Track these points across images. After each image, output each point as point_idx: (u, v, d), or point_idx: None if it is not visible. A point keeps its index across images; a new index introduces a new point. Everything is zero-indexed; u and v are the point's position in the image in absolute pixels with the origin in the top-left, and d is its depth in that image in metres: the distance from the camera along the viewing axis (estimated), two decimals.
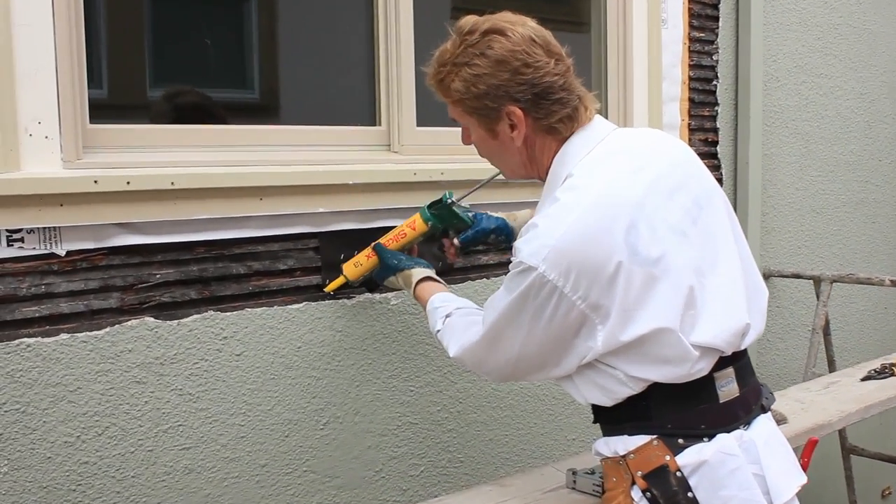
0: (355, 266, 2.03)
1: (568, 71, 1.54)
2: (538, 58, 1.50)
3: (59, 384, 1.76)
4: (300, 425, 2.08)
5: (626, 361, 1.47)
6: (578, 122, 1.56)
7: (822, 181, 3.53)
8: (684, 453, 1.49)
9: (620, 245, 1.42)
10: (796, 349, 3.48)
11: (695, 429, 1.50)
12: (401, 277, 1.93)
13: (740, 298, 1.55)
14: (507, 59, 1.49)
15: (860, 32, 3.64)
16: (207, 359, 1.94)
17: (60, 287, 1.76)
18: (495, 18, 1.53)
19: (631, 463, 1.52)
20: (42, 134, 1.72)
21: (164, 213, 1.84)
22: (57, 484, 1.77)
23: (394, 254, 1.95)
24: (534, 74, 1.49)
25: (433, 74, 1.59)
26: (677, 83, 2.91)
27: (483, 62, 1.50)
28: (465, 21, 1.54)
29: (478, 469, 2.42)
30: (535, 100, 1.51)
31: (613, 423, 1.57)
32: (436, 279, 1.89)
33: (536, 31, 1.53)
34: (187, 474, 1.93)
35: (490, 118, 1.55)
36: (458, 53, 1.53)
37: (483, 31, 1.51)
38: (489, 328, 1.55)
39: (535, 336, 1.49)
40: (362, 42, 2.33)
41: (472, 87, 1.52)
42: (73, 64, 1.76)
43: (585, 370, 1.52)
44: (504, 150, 1.60)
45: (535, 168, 1.61)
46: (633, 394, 1.50)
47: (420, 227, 1.95)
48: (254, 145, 2.07)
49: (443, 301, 1.78)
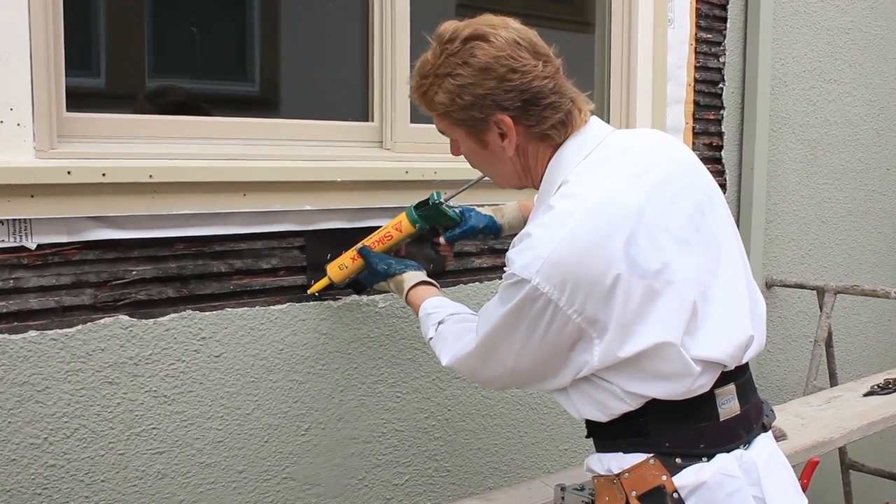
0: (340, 268, 1.95)
1: (557, 72, 1.46)
2: (525, 62, 1.41)
3: (27, 383, 1.69)
4: (280, 430, 2.01)
5: (623, 377, 1.41)
6: (572, 126, 1.48)
7: (829, 189, 3.45)
8: (682, 474, 1.42)
9: (619, 256, 1.34)
10: (797, 361, 3.41)
11: (693, 448, 1.43)
12: (392, 283, 1.86)
13: (744, 309, 1.48)
14: (491, 66, 1.40)
15: (871, 38, 3.56)
16: (184, 360, 1.86)
17: (30, 282, 1.69)
18: (476, 23, 1.44)
19: (625, 482, 1.44)
20: (14, 121, 1.65)
21: (142, 206, 1.76)
22: (21, 487, 1.70)
23: (381, 257, 1.88)
24: (521, 80, 1.41)
25: (415, 87, 1.51)
26: (682, 85, 2.84)
27: (467, 71, 1.41)
28: (445, 28, 1.45)
29: (465, 479, 2.35)
30: (525, 106, 1.43)
31: (608, 440, 1.50)
32: (428, 281, 1.82)
33: (520, 32, 1.44)
34: (160, 479, 1.86)
35: (478, 129, 1.47)
36: (440, 64, 1.44)
37: (464, 37, 1.42)
38: (482, 339, 1.48)
39: (529, 349, 1.42)
40: (356, 34, 2.26)
41: (457, 99, 1.44)
42: (49, 48, 1.68)
43: (581, 384, 1.46)
44: (496, 160, 1.52)
45: (530, 177, 1.54)
46: (630, 410, 1.43)
47: (406, 229, 1.87)
48: (238, 138, 1.99)
49: (435, 307, 1.71)
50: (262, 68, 2.30)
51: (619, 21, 2.70)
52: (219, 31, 2.22)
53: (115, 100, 2.01)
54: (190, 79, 2.15)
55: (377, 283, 1.90)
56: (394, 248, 1.91)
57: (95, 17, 1.98)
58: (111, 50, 2.01)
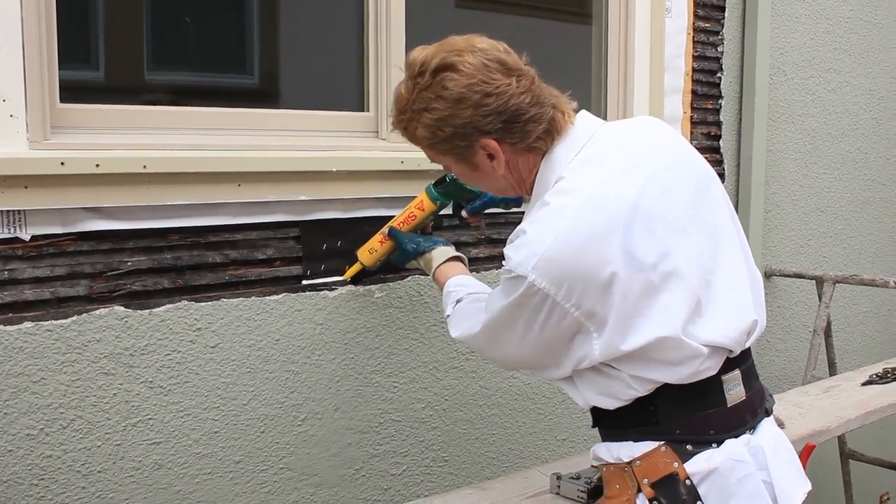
0: (370, 252, 1.99)
1: (533, 83, 1.45)
2: (497, 83, 1.40)
3: (22, 374, 1.69)
4: (277, 421, 2.01)
5: (629, 365, 1.42)
6: (557, 131, 1.47)
7: (828, 179, 3.44)
8: (693, 460, 1.43)
9: (615, 252, 1.35)
10: (796, 351, 3.40)
11: (703, 434, 1.45)
12: (421, 260, 1.90)
13: (746, 294, 1.49)
14: (465, 95, 1.40)
15: (871, 27, 3.54)
16: (180, 350, 1.86)
17: (25, 273, 1.69)
18: (443, 51, 1.42)
19: (637, 470, 1.45)
20: (7, 112, 1.64)
21: (136, 197, 1.76)
22: (18, 478, 1.70)
23: (410, 237, 1.92)
24: (497, 101, 1.40)
25: (395, 122, 1.52)
26: (680, 74, 2.82)
27: (441, 104, 1.41)
28: (413, 59, 1.45)
29: (462, 469, 2.35)
30: (507, 126, 1.42)
31: (617, 428, 1.51)
32: (457, 256, 1.86)
33: (487, 53, 1.42)
34: (157, 470, 1.86)
35: (465, 155, 1.48)
36: (414, 99, 1.44)
37: (433, 70, 1.41)
38: (485, 326, 1.51)
39: (529, 341, 1.44)
40: (352, 24, 2.25)
41: (437, 132, 1.44)
42: (42, 38, 1.68)
43: (587, 372, 1.47)
44: (489, 178, 1.53)
45: (525, 187, 1.54)
46: (640, 395, 1.44)
47: (429, 207, 1.92)
48: (233, 129, 1.99)
49: (456, 285, 1.75)
50: (258, 59, 2.29)
51: (616, 10, 2.69)
52: (215, 22, 2.21)
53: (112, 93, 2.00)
54: (187, 70, 2.15)
55: (408, 262, 1.94)
56: (419, 227, 1.95)
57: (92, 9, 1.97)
58: (109, 42, 2.00)
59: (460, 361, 2.30)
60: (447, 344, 2.27)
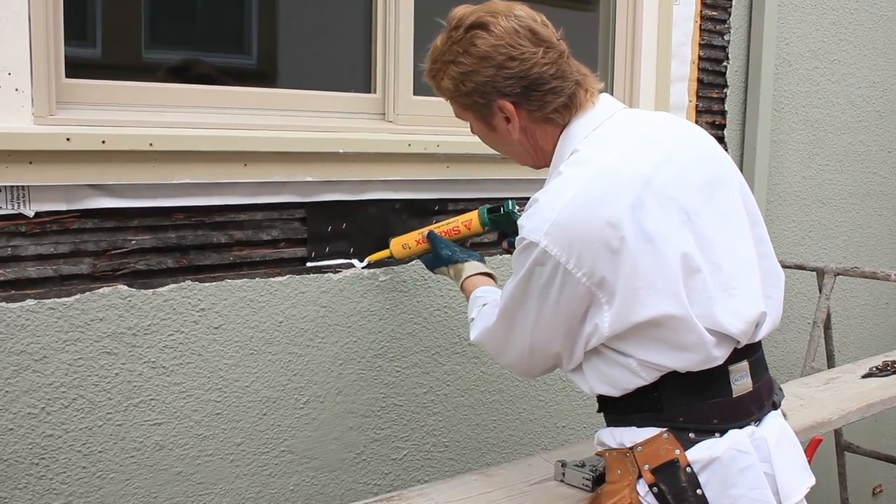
0: (403, 247, 2.01)
1: (560, 57, 1.49)
2: (523, 49, 1.46)
3: (24, 352, 1.67)
4: (279, 403, 2.00)
5: (639, 347, 1.41)
6: (577, 107, 1.52)
7: (830, 171, 3.43)
8: (695, 448, 1.43)
9: (626, 218, 1.36)
10: (795, 342, 3.40)
11: (706, 423, 1.45)
12: (452, 269, 1.91)
13: (754, 285, 1.48)
14: (490, 54, 1.46)
15: (876, 19, 3.53)
16: (183, 331, 1.85)
17: (28, 250, 1.66)
18: (481, 10, 1.49)
19: (638, 456, 1.45)
20: (12, 86, 1.62)
21: (142, 175, 1.74)
22: (19, 457, 1.69)
23: (448, 244, 1.93)
24: (520, 67, 1.46)
25: (427, 71, 1.58)
26: (686, 62, 2.81)
27: (467, 59, 1.48)
28: (454, 14, 1.51)
29: (463, 454, 2.34)
30: (526, 92, 1.48)
31: (621, 414, 1.51)
32: (488, 273, 1.86)
33: (522, 20, 1.48)
34: (158, 451, 1.85)
35: (484, 113, 1.53)
36: (445, 51, 1.51)
37: (467, 26, 1.48)
38: (502, 312, 1.53)
39: (544, 318, 1.44)
40: (360, 5, 2.22)
41: (460, 85, 1.50)
42: (49, 12, 1.65)
43: (594, 358, 1.47)
44: (506, 141, 1.58)
45: (542, 156, 1.58)
46: (644, 384, 1.44)
47: (475, 228, 1.95)
48: (240, 108, 1.96)
49: (484, 292, 1.76)
50: (263, 39, 2.27)
51: None
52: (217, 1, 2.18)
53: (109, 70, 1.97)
54: (189, 50, 2.11)
55: (438, 268, 1.95)
56: (458, 243, 1.97)
57: None
58: (108, 20, 1.97)
59: (462, 347, 2.29)
60: (450, 329, 2.26)
